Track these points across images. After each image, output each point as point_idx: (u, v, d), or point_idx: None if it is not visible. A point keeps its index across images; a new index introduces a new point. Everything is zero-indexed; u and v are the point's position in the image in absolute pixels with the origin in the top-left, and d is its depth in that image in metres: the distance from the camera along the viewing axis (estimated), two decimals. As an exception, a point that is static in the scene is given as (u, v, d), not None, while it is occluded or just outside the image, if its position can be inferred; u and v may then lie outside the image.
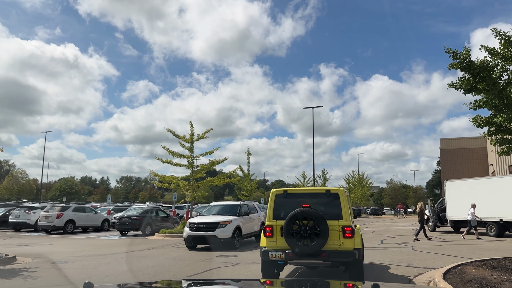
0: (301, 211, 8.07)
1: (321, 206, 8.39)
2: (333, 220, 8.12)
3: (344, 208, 8.28)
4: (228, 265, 11.53)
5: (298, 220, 8.05)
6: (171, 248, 16.21)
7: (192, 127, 22.54)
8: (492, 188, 21.47)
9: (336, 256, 7.94)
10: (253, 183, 30.17)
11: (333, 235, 8.02)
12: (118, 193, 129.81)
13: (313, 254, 7.97)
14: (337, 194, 8.40)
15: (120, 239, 20.85)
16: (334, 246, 8.02)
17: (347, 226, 8.08)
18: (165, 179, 21.69)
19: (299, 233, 8.02)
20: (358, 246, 8.13)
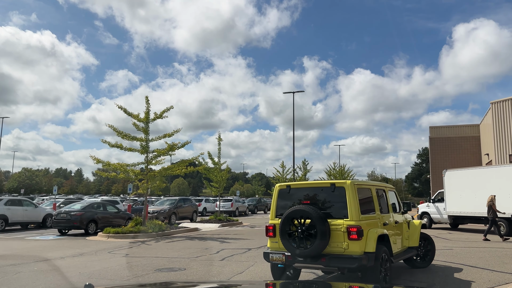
0: (296, 209, 7.10)
1: (326, 202, 7.24)
2: (338, 218, 6.94)
3: (350, 205, 6.89)
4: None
5: (295, 220, 7.07)
6: (104, 254, 12.28)
7: (148, 103, 18.50)
8: (502, 178, 18.18)
9: (337, 261, 6.75)
10: (224, 172, 26.23)
11: (337, 237, 6.86)
12: (90, 185, 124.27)
13: (312, 258, 6.89)
14: (343, 188, 7.07)
15: (53, 240, 16.77)
16: (337, 249, 6.85)
17: (352, 226, 6.72)
18: (110, 166, 17.53)
19: (295, 234, 7.02)
20: (369, 250, 6.72)
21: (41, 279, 8.52)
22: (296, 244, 6.98)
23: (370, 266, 6.69)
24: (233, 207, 35.89)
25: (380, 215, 7.75)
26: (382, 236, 7.30)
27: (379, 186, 8.49)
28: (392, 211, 8.50)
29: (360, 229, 6.72)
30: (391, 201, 8.73)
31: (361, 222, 6.88)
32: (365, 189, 7.68)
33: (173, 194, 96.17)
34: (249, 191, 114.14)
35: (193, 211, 28.01)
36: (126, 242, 15.52)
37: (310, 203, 7.23)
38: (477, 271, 9.24)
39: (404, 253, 8.71)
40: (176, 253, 12.36)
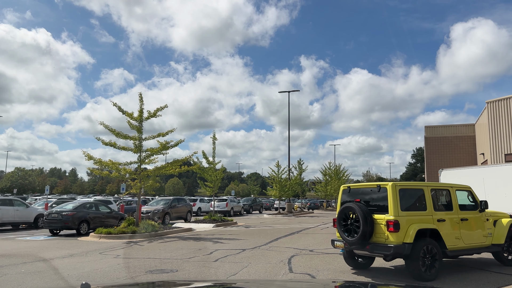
0: (346, 206, 8.76)
1: (374, 200, 8.71)
2: (381, 214, 8.35)
3: (390, 202, 8.27)
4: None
5: (346, 214, 8.74)
6: (95, 255, 12.00)
7: (142, 101, 18.19)
8: (498, 178, 18.06)
9: (378, 249, 8.23)
10: (219, 172, 25.97)
11: (380, 229, 8.28)
12: (84, 185, 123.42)
13: (360, 245, 8.40)
14: (386, 188, 8.50)
15: (43, 241, 16.45)
16: (380, 239, 8.28)
17: (390, 221, 8.10)
18: (102, 164, 17.19)
19: (346, 226, 8.70)
20: (407, 241, 8.00)
21: (27, 282, 8.25)
22: (347, 233, 8.62)
23: (407, 255, 7.94)
24: (228, 207, 35.63)
25: (434, 212, 8.65)
26: (428, 230, 8.34)
27: (437, 186, 9.52)
28: (458, 209, 9.14)
29: (397, 223, 8.02)
30: (461, 200, 9.45)
31: (399, 217, 8.12)
32: (413, 189, 8.96)
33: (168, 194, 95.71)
34: (245, 191, 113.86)
35: (187, 211, 27.72)
36: (118, 242, 15.24)
37: (360, 201, 8.79)
38: (474, 271, 9.08)
39: (478, 250, 9.35)
40: (168, 254, 12.12)
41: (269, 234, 17.86)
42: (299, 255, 11.56)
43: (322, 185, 57.35)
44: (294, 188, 43.83)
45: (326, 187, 56.39)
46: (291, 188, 41.50)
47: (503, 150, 28.56)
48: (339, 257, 11.31)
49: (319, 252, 12.30)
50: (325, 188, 56.46)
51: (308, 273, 9.00)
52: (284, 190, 40.20)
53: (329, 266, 9.86)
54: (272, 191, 41.79)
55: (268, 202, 55.60)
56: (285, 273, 9.05)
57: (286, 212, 39.84)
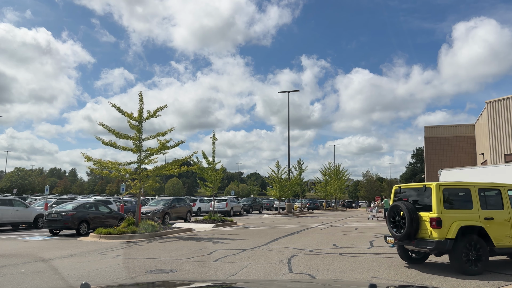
0: (394, 204, 9.61)
1: (420, 199, 9.35)
2: (426, 211, 8.99)
3: (434, 201, 8.84)
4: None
5: (394, 212, 9.59)
6: (95, 256, 11.99)
7: (142, 101, 18.17)
8: (498, 177, 18.04)
9: (422, 243, 8.94)
10: (218, 172, 25.96)
11: (424, 225, 8.96)
12: (84, 185, 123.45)
13: (406, 240, 9.21)
14: (430, 188, 9.06)
15: (43, 241, 16.44)
16: (425, 235, 8.95)
17: (433, 218, 8.71)
18: (101, 164, 17.17)
19: (395, 222, 9.57)
20: (450, 237, 8.57)
21: (27, 282, 8.24)
22: (396, 229, 9.48)
23: (450, 250, 8.57)
24: (227, 207, 35.61)
25: (481, 210, 9.05)
26: (473, 228, 8.81)
27: (486, 186, 9.74)
28: (510, 208, 9.40)
29: (439, 220, 8.65)
30: None
31: (442, 214, 8.71)
32: (459, 188, 9.47)
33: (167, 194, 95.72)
34: (244, 191, 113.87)
35: (187, 211, 27.71)
36: (118, 243, 15.24)
37: (407, 200, 9.52)
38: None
39: None
40: (168, 254, 12.11)
41: (268, 234, 17.86)
42: (299, 255, 11.55)
43: (322, 185, 57.34)
44: (294, 188, 43.82)
45: (326, 187, 56.39)
46: (291, 188, 41.49)
47: (502, 150, 28.55)
48: (339, 257, 11.31)
49: (319, 252, 12.30)
50: (325, 188, 56.46)
51: (307, 273, 8.99)
52: (284, 190, 40.20)
53: (329, 266, 9.85)
54: (272, 191, 41.78)
55: (268, 202, 55.59)
56: (284, 273, 9.04)
57: (286, 212, 39.84)
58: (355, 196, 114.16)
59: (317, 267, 9.67)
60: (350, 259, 11.00)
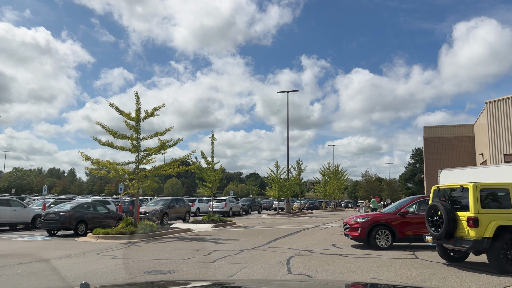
0: (432, 204, 9.89)
1: (458, 199, 9.63)
2: (463, 211, 9.21)
3: (471, 201, 9.05)
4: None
5: (432, 211, 9.80)
6: (92, 256, 11.90)
7: (138, 100, 18.07)
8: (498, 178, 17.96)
9: (459, 242, 9.17)
10: (217, 172, 25.86)
11: (462, 225, 9.20)
12: (83, 185, 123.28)
13: (445, 239, 9.46)
14: (467, 188, 9.28)
15: (40, 241, 16.34)
16: (462, 234, 9.18)
17: (470, 217, 8.93)
18: (99, 164, 17.06)
19: (433, 222, 9.77)
20: (487, 236, 8.74)
21: (23, 283, 8.15)
22: (434, 228, 9.70)
23: (487, 248, 8.80)
24: (226, 207, 35.52)
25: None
26: (511, 227, 8.94)
27: None
28: None
29: (476, 219, 8.86)
30: None
31: (479, 214, 8.93)
32: (496, 189, 9.60)
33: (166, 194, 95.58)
34: (244, 191, 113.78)
35: (186, 211, 27.61)
36: (116, 243, 15.14)
37: (445, 199, 9.76)
38: (475, 273, 8.99)
39: None
40: (166, 254, 12.02)
41: (267, 235, 17.77)
42: (298, 256, 11.46)
43: (321, 186, 57.26)
44: (293, 189, 43.73)
45: (325, 187, 56.30)
46: (290, 189, 41.40)
47: (502, 150, 28.49)
48: (338, 257, 11.22)
49: (318, 252, 12.21)
50: (324, 188, 56.38)
51: (307, 274, 8.91)
52: (283, 191, 40.10)
53: (328, 267, 9.76)
54: (271, 192, 41.69)
55: (267, 202, 55.50)
56: (283, 274, 8.95)
57: (285, 212, 39.75)
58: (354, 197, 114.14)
59: (316, 268, 9.58)
60: (350, 259, 10.92)
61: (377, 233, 13.01)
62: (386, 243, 12.97)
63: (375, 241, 12.96)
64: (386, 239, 12.99)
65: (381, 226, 13.09)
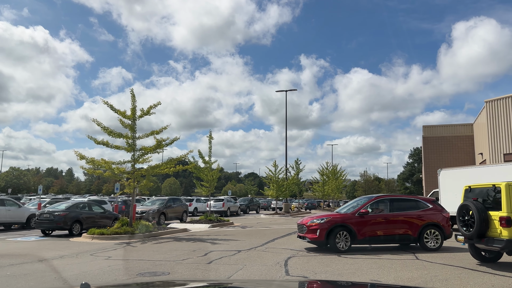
0: (463, 204, 9.79)
1: (490, 198, 9.49)
2: (496, 211, 9.12)
3: (504, 200, 8.97)
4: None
5: (464, 211, 9.72)
6: (86, 257, 11.64)
7: (134, 98, 17.80)
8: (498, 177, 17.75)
9: (491, 242, 9.08)
10: (215, 172, 25.62)
11: (494, 224, 9.12)
12: (81, 185, 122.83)
13: (476, 238, 9.37)
14: (500, 188, 9.20)
15: (34, 242, 16.07)
16: (494, 234, 9.11)
17: (503, 217, 8.86)
18: (94, 163, 16.78)
19: (464, 221, 9.70)
20: None
21: (12, 285, 7.88)
22: (465, 228, 9.65)
23: None
24: (224, 207, 35.27)
25: None
26: None
27: None
28: None
29: (509, 219, 8.80)
30: None
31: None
32: None
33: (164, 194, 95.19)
34: (242, 191, 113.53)
35: (183, 211, 27.36)
36: (111, 243, 14.87)
37: (476, 199, 9.67)
38: (478, 274, 8.76)
39: None
40: (161, 255, 11.76)
41: (265, 235, 17.52)
42: (296, 257, 11.23)
43: (319, 185, 57.03)
44: (291, 188, 43.51)
45: (323, 187, 56.08)
46: (288, 188, 41.16)
47: (502, 149, 28.30)
48: (337, 258, 10.99)
49: (316, 253, 11.97)
50: (322, 188, 56.14)
51: (305, 275, 8.67)
52: (281, 190, 39.86)
53: (327, 268, 9.53)
54: (269, 191, 41.43)
55: (265, 202, 55.26)
56: (281, 275, 8.72)
57: (283, 212, 39.52)
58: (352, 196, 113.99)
59: (315, 269, 9.35)
60: (349, 260, 10.68)
61: (336, 235, 12.18)
62: (345, 246, 12.19)
63: (335, 244, 12.10)
64: (345, 241, 12.21)
65: (340, 228, 12.27)
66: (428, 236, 12.70)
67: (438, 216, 13.08)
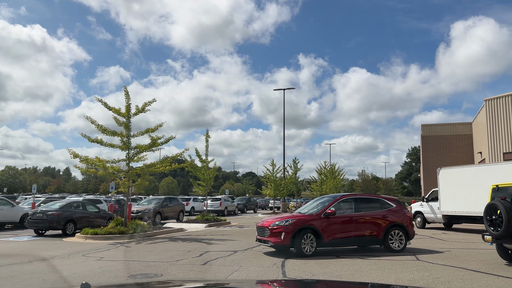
0: (491, 203, 9.68)
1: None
2: None
3: None
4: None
5: (491, 210, 9.61)
6: (78, 258, 11.31)
7: (128, 95, 17.46)
8: (499, 176, 17.48)
9: None
10: (212, 170, 25.31)
11: None
12: (78, 184, 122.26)
13: (504, 238, 9.31)
14: None
15: (26, 242, 15.73)
16: None
17: None
18: (88, 161, 16.44)
19: (491, 221, 9.59)
20: None
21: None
22: (493, 228, 9.53)
23: None
24: (221, 206, 34.99)
25: None
26: None
27: None
28: None
29: None
30: None
31: None
32: None
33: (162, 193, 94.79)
34: (240, 190, 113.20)
35: (180, 210, 27.03)
36: (105, 244, 14.55)
37: (504, 198, 9.53)
38: (482, 276, 8.47)
39: None
40: (155, 256, 11.45)
41: (262, 235, 17.20)
42: (293, 258, 10.93)
43: (317, 184, 56.72)
44: (289, 187, 43.21)
45: (321, 186, 55.76)
46: (286, 187, 40.87)
47: (501, 148, 28.04)
48: (335, 260, 10.70)
49: (314, 254, 11.67)
50: (320, 187, 55.82)
51: (302, 278, 8.37)
52: (279, 189, 39.57)
53: (325, 270, 9.23)
54: (266, 190, 41.15)
55: (263, 201, 54.96)
56: (278, 277, 8.42)
57: (281, 211, 39.23)
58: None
59: (313, 271, 9.05)
60: (348, 261, 10.39)
61: (302, 237, 11.20)
62: (311, 249, 11.26)
63: (300, 247, 11.12)
64: (311, 244, 11.28)
65: (306, 230, 11.31)
66: (393, 237, 12.11)
67: (402, 216, 12.47)
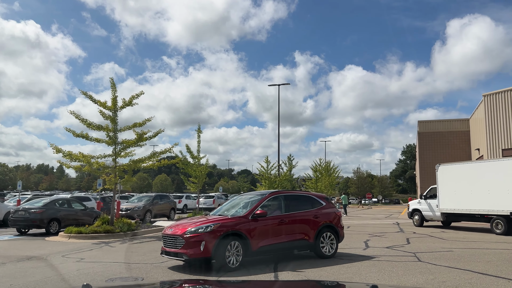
0: None
1: None
2: None
3: None
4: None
5: None
6: (57, 259, 10.56)
7: (114, 88, 16.64)
8: (499, 173, 16.91)
9: None
10: (203, 167, 24.57)
11: None
12: (71, 182, 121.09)
13: None
14: None
15: (6, 241, 14.95)
16: None
17: None
18: (72, 156, 15.64)
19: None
20: None
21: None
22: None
23: None
24: (214, 204, 34.34)
25: None
26: None
27: None
28: None
29: None
30: None
31: None
32: None
33: (155, 191, 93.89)
34: (235, 188, 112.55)
35: (171, 208, 26.30)
36: (88, 243, 13.79)
37: None
38: (491, 280, 7.81)
39: None
40: (140, 257, 10.72)
41: (255, 233, 16.51)
42: (287, 259, 10.24)
43: (312, 182, 56.13)
44: (283, 185, 42.43)
45: (316, 183, 55.19)
46: (280, 185, 40.13)
47: (500, 145, 27.50)
48: (332, 261, 10.02)
49: (310, 255, 10.98)
50: (315, 185, 55.24)
51: (297, 279, 7.67)
52: (273, 187, 38.83)
53: (321, 272, 8.55)
54: (261, 188, 40.41)
55: (257, 199, 54.19)
56: (270, 279, 7.72)
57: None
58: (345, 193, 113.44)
59: (308, 273, 8.37)
60: (345, 263, 9.71)
61: (227, 246, 8.70)
62: (236, 261, 8.83)
63: (224, 259, 8.62)
64: (237, 254, 8.87)
65: (232, 237, 8.86)
66: (324, 240, 10.42)
67: (332, 216, 10.92)
